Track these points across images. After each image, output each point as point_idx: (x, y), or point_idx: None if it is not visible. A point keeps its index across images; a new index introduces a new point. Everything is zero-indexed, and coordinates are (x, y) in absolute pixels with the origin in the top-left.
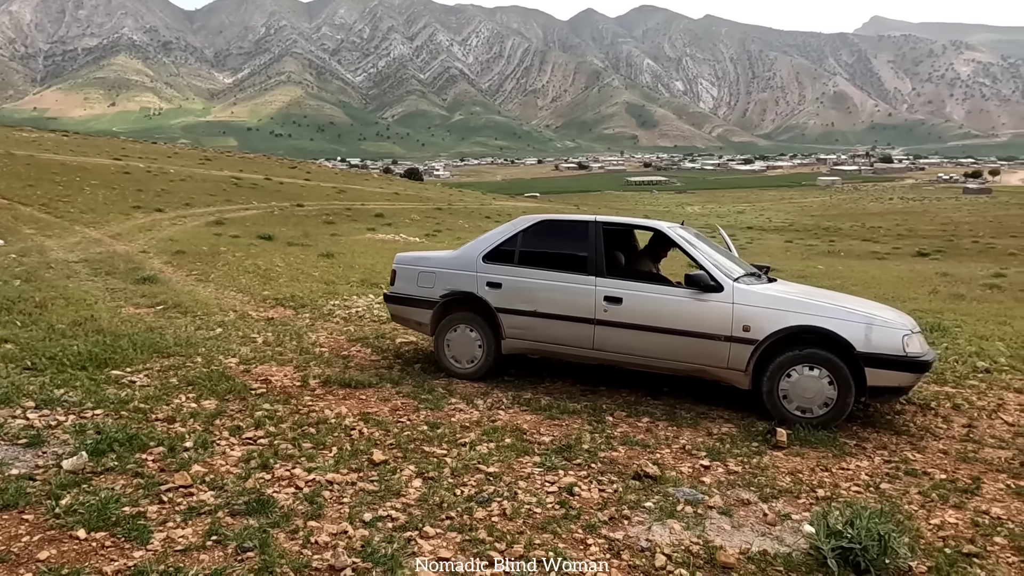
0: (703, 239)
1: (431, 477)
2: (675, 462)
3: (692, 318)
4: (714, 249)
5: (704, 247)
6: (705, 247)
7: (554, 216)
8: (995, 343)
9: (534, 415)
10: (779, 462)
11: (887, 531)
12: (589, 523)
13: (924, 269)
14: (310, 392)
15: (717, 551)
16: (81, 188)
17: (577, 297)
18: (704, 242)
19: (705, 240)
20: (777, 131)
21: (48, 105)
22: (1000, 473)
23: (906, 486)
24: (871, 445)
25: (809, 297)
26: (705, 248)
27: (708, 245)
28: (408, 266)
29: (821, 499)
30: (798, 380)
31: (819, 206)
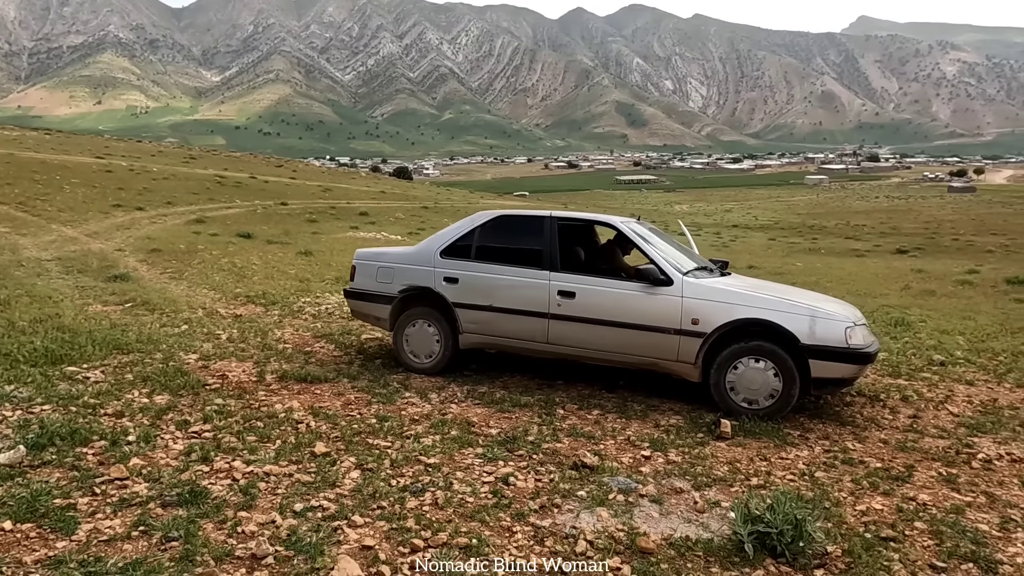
0: (659, 234)
1: (370, 468)
2: (617, 453)
3: (643, 312)
4: (670, 244)
5: (658, 242)
6: (659, 242)
7: (511, 212)
8: (956, 337)
9: (486, 408)
10: (720, 452)
11: (803, 516)
12: (519, 511)
13: (901, 266)
14: (265, 387)
15: (639, 537)
16: (61, 187)
17: (531, 292)
18: (660, 237)
19: (661, 235)
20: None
21: (33, 103)
22: (935, 461)
23: (840, 474)
24: (814, 435)
25: (756, 290)
26: (658, 243)
27: (664, 240)
28: (368, 261)
29: (754, 487)
30: (744, 372)
31: (806, 205)
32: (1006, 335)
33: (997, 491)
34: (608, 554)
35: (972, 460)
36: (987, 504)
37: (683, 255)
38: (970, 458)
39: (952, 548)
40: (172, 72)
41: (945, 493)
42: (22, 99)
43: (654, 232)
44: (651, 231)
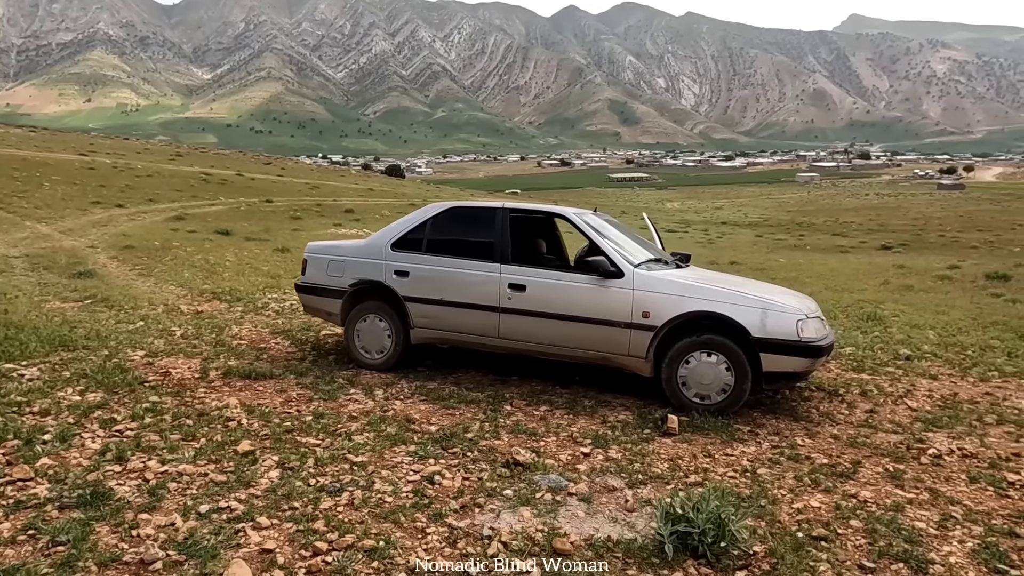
0: (618, 227)
1: (291, 468)
2: (557, 450)
3: (593, 305)
4: (628, 237)
5: (613, 234)
6: (614, 234)
7: (463, 203)
8: (926, 332)
9: (431, 404)
10: (663, 449)
11: (727, 515)
12: (438, 512)
13: (883, 262)
14: (207, 384)
15: (557, 538)
16: (40, 184)
17: (482, 285)
18: (618, 230)
19: (620, 228)
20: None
21: (21, 101)
22: (884, 457)
23: (784, 471)
24: (765, 431)
25: (708, 283)
26: (612, 235)
27: (622, 233)
28: (319, 255)
29: (691, 485)
30: (696, 366)
31: (796, 202)
32: (977, 329)
33: (942, 488)
34: (522, 556)
35: (922, 456)
36: (929, 501)
37: (640, 248)
38: (920, 454)
39: (884, 547)
40: (163, 70)
41: (888, 490)
42: (11, 97)
43: (613, 225)
44: (609, 223)
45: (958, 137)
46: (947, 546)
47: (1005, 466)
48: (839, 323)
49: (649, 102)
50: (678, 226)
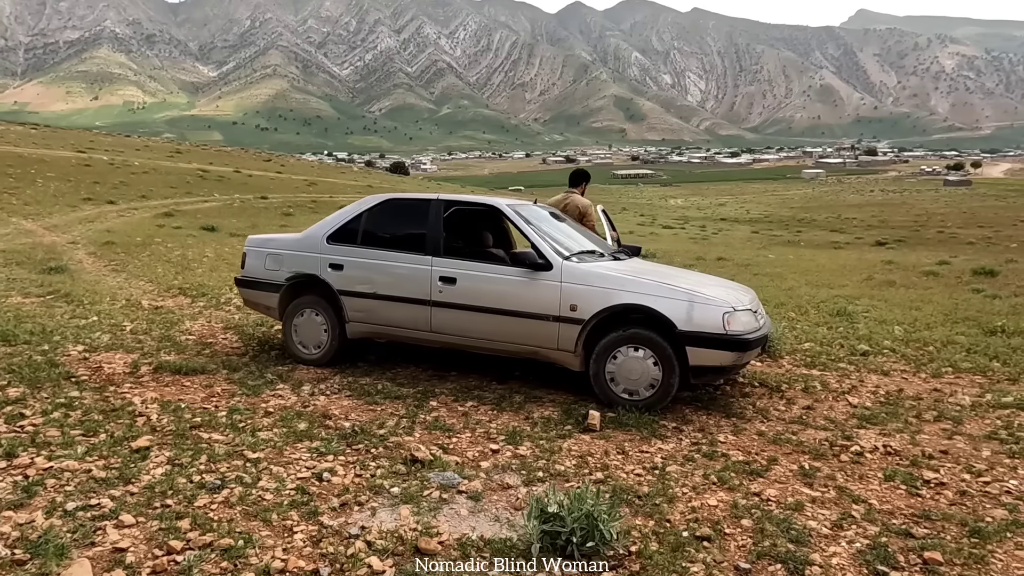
0: (559, 218)
1: (181, 464)
2: (467, 446)
3: (522, 298)
4: (569, 229)
5: (548, 226)
6: (551, 226)
7: (399, 195)
8: (893, 327)
9: (355, 400)
10: (577, 446)
11: (599, 514)
12: (314, 510)
13: (873, 258)
14: (134, 379)
15: (424, 537)
16: (34, 180)
17: (413, 278)
18: (560, 222)
19: (561, 219)
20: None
21: (29, 99)
22: (804, 454)
23: (695, 468)
24: (691, 427)
25: (638, 275)
26: (546, 227)
27: (563, 225)
28: (257, 248)
29: (594, 482)
30: (624, 361)
31: (800, 198)
32: (945, 325)
33: (852, 486)
34: (383, 556)
35: (843, 453)
36: (834, 500)
37: (580, 240)
38: (842, 451)
39: (767, 548)
40: (169, 67)
41: (795, 488)
42: (18, 95)
43: (554, 217)
44: (551, 216)
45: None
46: (834, 547)
47: (926, 464)
48: (809, 319)
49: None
50: (676, 222)
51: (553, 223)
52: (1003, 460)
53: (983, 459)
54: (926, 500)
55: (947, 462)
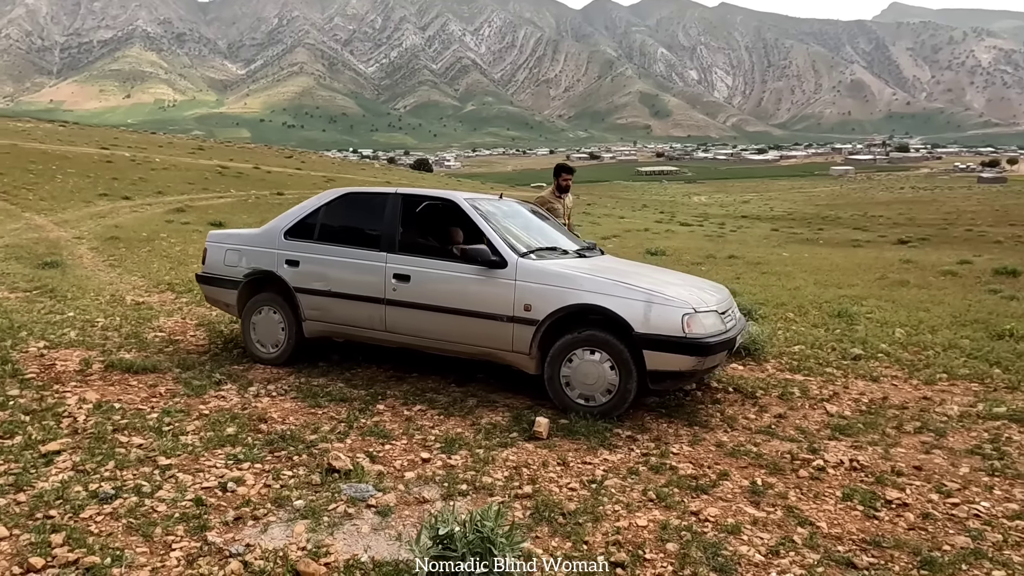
0: (539, 215)
1: (85, 470)
2: (398, 455)
3: (476, 296)
4: (538, 225)
5: (509, 222)
6: (514, 222)
7: (358, 189)
8: (894, 329)
9: (299, 403)
10: (516, 456)
11: (495, 538)
12: (203, 524)
13: (892, 256)
14: (81, 377)
15: (305, 560)
16: (53, 176)
17: (367, 275)
18: (537, 216)
19: (541, 215)
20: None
21: (64, 97)
22: (760, 469)
23: (635, 483)
24: (646, 436)
25: (595, 273)
26: (506, 223)
27: (532, 219)
28: (218, 243)
29: (519, 497)
30: (579, 365)
31: (827, 196)
32: (952, 327)
33: (803, 506)
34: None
35: (804, 467)
36: (778, 521)
37: (543, 236)
38: (804, 465)
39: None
40: (198, 65)
41: (739, 508)
42: (54, 93)
43: (535, 213)
44: (526, 211)
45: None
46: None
47: (892, 482)
48: (807, 319)
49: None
50: (695, 220)
51: (521, 218)
52: (981, 478)
53: (959, 477)
54: (882, 524)
55: (917, 480)
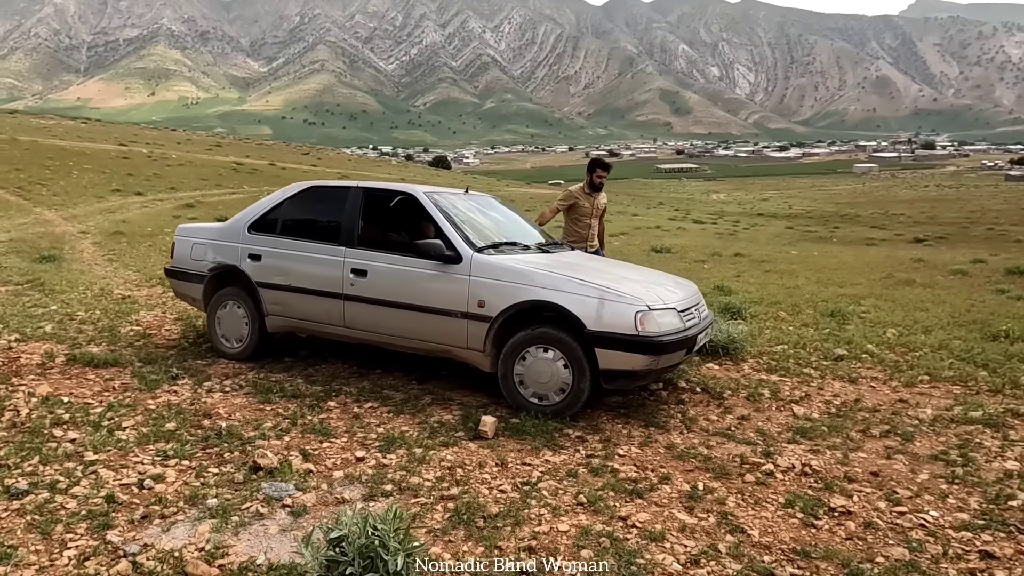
0: (495, 209)
1: (7, 465)
2: (335, 453)
3: (431, 292)
4: (507, 218)
5: (470, 215)
6: (476, 215)
7: (321, 182)
8: (886, 330)
9: (250, 398)
10: (454, 456)
11: (388, 541)
12: (107, 522)
13: (904, 255)
14: (41, 371)
15: (194, 562)
16: (69, 172)
17: (326, 269)
18: (493, 212)
19: (502, 209)
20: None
21: (91, 95)
22: (705, 473)
23: (571, 486)
24: (597, 437)
25: (552, 269)
26: (463, 216)
27: (499, 213)
28: (185, 237)
29: (444, 499)
30: (533, 363)
31: (848, 194)
32: (948, 327)
33: (740, 512)
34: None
35: (753, 471)
36: (708, 529)
37: (507, 231)
38: (753, 469)
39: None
40: (221, 63)
41: (671, 513)
42: (81, 91)
43: (493, 207)
44: (487, 205)
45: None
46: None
47: (841, 488)
48: (798, 319)
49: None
50: (709, 217)
51: (488, 213)
52: (939, 486)
53: (915, 484)
54: (819, 533)
55: (869, 487)
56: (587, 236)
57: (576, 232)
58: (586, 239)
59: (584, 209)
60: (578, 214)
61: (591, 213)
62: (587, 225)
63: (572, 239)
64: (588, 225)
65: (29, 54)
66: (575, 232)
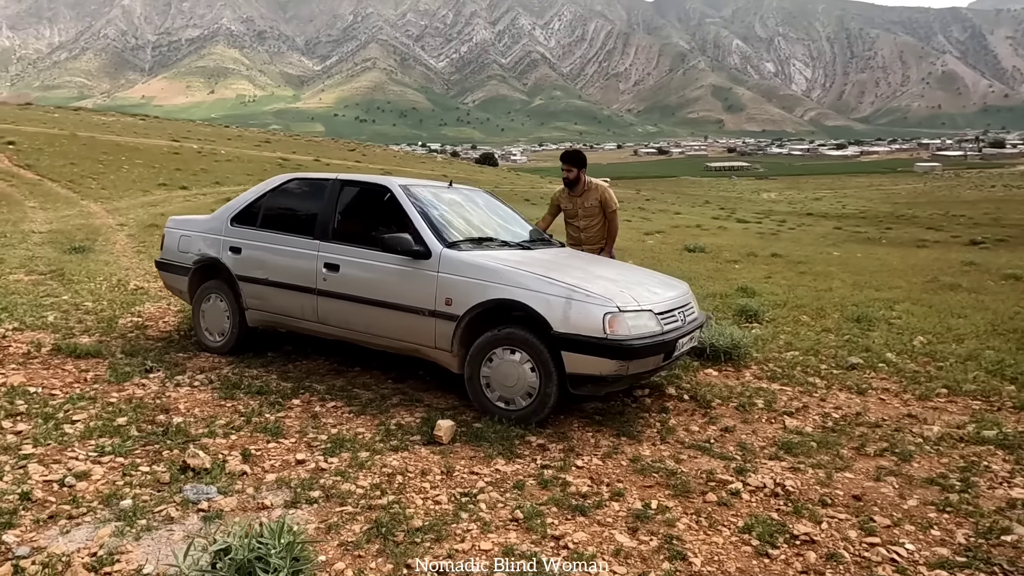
0: (481, 204)
1: None
2: (278, 455)
3: (400, 288)
4: (491, 212)
5: (445, 208)
6: (453, 208)
7: (303, 175)
8: (914, 337)
9: (215, 394)
10: (399, 462)
11: (270, 557)
12: (13, 521)
13: (955, 258)
14: (23, 360)
15: (71, 569)
16: (120, 167)
17: (300, 263)
18: (480, 206)
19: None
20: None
21: (155, 93)
22: (664, 489)
23: (512, 499)
24: (559, 446)
25: (522, 267)
26: (439, 210)
27: (478, 209)
28: (173, 229)
29: (374, 508)
30: (499, 365)
31: (907, 193)
32: (984, 336)
33: (688, 537)
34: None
35: (717, 491)
36: (645, 554)
37: (488, 226)
38: (718, 488)
39: None
40: (277, 62)
41: (610, 535)
42: (145, 89)
43: (479, 202)
44: (471, 199)
45: None
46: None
47: (811, 513)
48: (822, 323)
49: (755, 88)
50: (755, 216)
51: (471, 207)
52: (926, 514)
53: (899, 511)
54: (771, 564)
55: (845, 512)
56: (580, 239)
57: (569, 236)
58: (580, 242)
59: (569, 211)
60: (567, 217)
61: (576, 214)
62: (576, 228)
63: (568, 244)
64: (577, 228)
65: (98, 54)
66: (569, 236)
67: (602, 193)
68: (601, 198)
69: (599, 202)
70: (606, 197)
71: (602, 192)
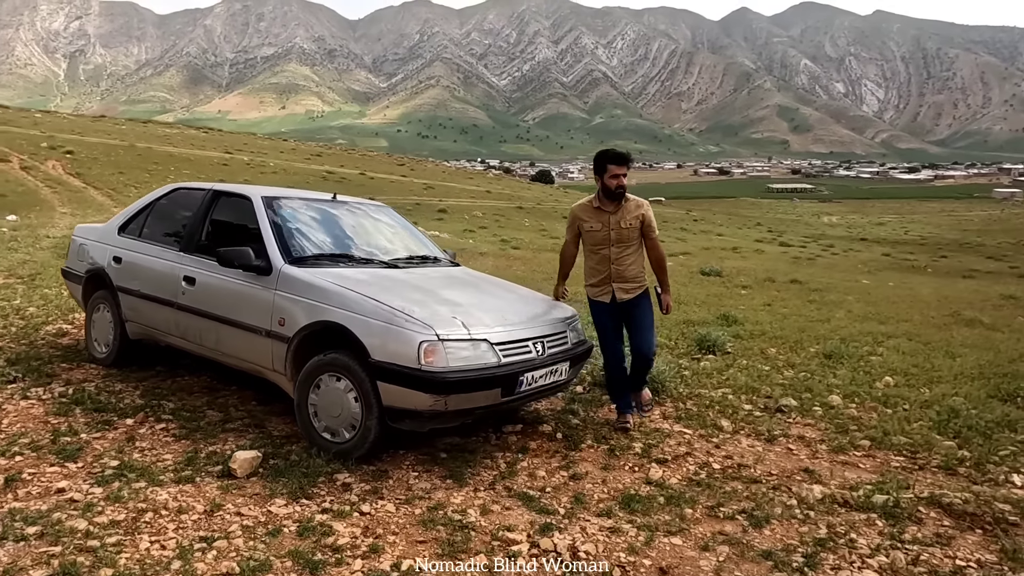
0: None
1: None
2: (45, 480)
3: (241, 305)
4: (378, 229)
5: (317, 224)
6: (330, 224)
7: (186, 184)
8: (881, 378)
9: (49, 410)
10: (165, 497)
11: None
12: None
13: (996, 291)
14: None
15: None
16: (166, 177)
17: (165, 275)
18: (363, 222)
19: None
20: (953, 137)
21: (230, 108)
22: (435, 547)
23: (255, 548)
24: (364, 487)
25: (357, 287)
26: (306, 225)
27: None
28: (76, 236)
29: (86, 550)
30: (325, 392)
31: (980, 220)
32: (962, 380)
33: None
34: None
35: (497, 552)
36: None
37: (368, 243)
38: (501, 548)
39: None
40: (345, 79)
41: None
42: (222, 104)
43: (367, 216)
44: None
45: None
46: None
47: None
48: (790, 358)
49: (824, 108)
50: (801, 240)
51: (356, 222)
52: None
53: None
54: None
55: None
56: (611, 274)
57: (594, 270)
58: (611, 279)
59: (595, 233)
60: (590, 244)
61: (605, 239)
62: (605, 258)
63: (592, 281)
64: (606, 258)
65: (180, 71)
66: (594, 271)
67: (645, 211)
68: (643, 217)
69: (639, 222)
70: (649, 216)
71: (644, 210)
